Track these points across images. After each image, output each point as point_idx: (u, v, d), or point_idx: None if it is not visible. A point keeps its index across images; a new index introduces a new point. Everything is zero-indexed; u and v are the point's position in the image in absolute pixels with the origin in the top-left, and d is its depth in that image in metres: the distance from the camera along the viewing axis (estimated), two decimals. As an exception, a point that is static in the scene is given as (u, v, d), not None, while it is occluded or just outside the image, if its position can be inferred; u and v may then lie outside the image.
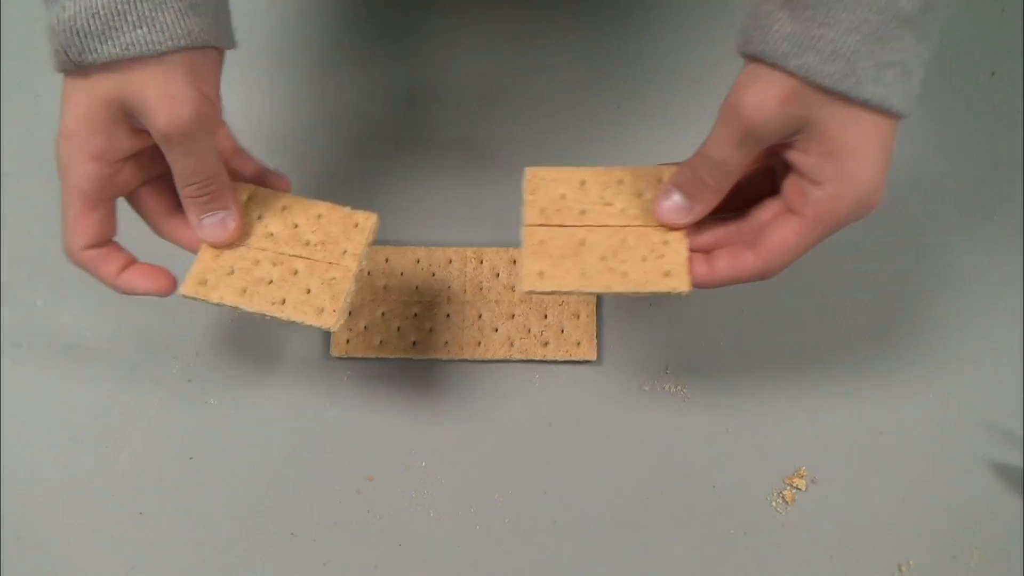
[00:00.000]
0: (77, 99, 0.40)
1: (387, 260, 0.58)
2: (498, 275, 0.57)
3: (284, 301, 0.45)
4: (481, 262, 0.58)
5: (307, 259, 0.46)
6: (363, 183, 0.61)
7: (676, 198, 0.44)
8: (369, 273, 0.57)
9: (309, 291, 0.45)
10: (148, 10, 0.39)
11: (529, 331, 0.56)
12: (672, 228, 0.44)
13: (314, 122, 0.63)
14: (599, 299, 0.57)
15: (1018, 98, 0.63)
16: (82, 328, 0.57)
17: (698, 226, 0.45)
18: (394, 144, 0.62)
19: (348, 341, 0.56)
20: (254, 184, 0.48)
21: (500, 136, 0.62)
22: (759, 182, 0.44)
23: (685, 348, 0.56)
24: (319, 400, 0.55)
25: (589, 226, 0.45)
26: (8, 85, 0.63)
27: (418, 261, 0.58)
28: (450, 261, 0.58)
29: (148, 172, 0.45)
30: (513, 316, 0.56)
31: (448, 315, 0.57)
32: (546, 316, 0.56)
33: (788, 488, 0.53)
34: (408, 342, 0.56)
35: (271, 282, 0.45)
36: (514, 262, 0.57)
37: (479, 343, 0.56)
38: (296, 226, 0.47)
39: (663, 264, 0.44)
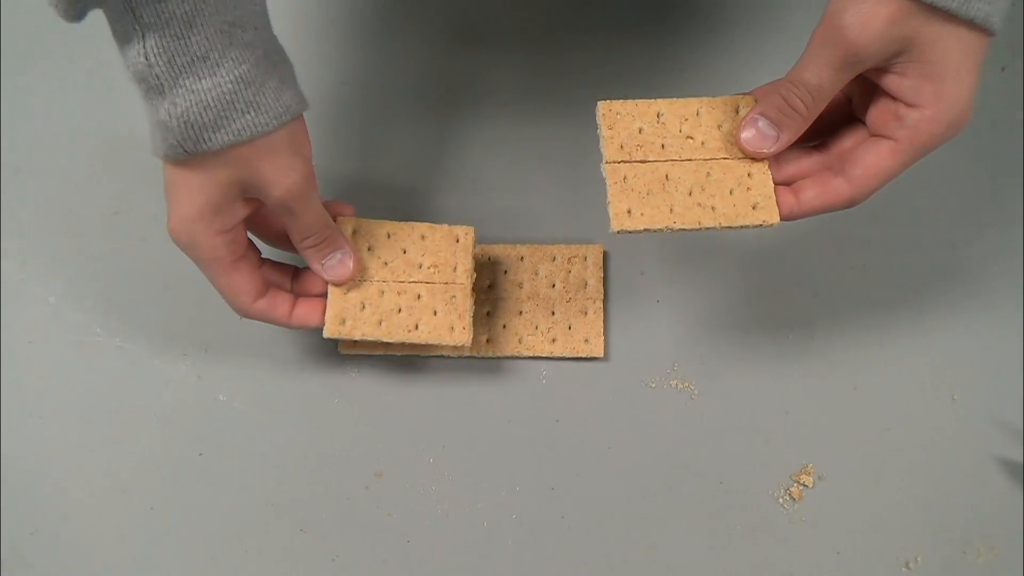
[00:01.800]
0: (194, 187, 0.43)
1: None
2: (506, 272, 0.57)
3: (417, 327, 0.50)
4: (489, 259, 0.58)
5: (426, 283, 0.50)
6: (367, 183, 0.61)
7: (762, 125, 0.43)
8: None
9: (436, 313, 0.50)
10: (252, 95, 0.41)
11: (537, 328, 0.56)
12: (756, 158, 0.43)
13: (314, 120, 0.63)
14: (606, 295, 0.57)
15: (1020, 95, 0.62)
16: (93, 325, 0.57)
17: (778, 158, 0.44)
18: (399, 144, 0.62)
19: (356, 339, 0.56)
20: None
21: (503, 134, 0.62)
22: (834, 110, 0.43)
23: (692, 345, 0.56)
24: (327, 396, 0.56)
25: (672, 160, 0.44)
26: (9, 85, 0.63)
27: (426, 258, 0.58)
28: (458, 258, 0.58)
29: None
30: (521, 313, 0.57)
31: (456, 312, 0.57)
32: (554, 313, 0.56)
33: (795, 485, 0.53)
34: (416, 339, 0.56)
35: (400, 310, 0.50)
36: (521, 259, 0.57)
37: (487, 339, 0.56)
38: (405, 251, 0.51)
39: (751, 196, 0.43)
